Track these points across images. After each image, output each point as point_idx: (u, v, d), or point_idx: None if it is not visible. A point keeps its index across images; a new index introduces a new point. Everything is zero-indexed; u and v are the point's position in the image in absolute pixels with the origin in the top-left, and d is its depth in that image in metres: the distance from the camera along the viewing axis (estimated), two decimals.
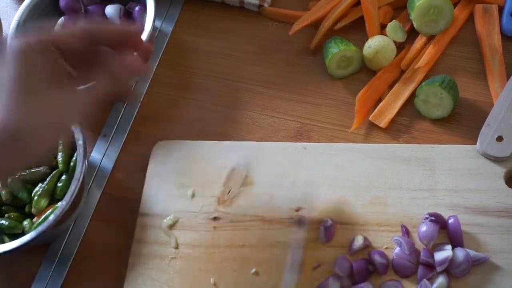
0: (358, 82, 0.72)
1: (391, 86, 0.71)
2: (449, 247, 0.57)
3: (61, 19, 0.78)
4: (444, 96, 0.65)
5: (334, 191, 0.64)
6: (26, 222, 0.65)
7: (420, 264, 0.57)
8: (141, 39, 0.56)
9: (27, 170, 0.68)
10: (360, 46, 0.72)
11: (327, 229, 0.60)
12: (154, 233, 0.65)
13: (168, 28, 0.82)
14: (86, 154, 0.66)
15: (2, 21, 0.85)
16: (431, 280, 0.56)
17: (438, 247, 0.57)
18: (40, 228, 0.62)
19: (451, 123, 0.68)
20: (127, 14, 0.79)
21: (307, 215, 0.63)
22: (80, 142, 0.66)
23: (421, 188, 0.62)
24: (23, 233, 0.65)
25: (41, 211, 0.65)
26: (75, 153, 0.67)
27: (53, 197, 0.67)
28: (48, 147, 0.52)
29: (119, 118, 0.76)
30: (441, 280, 0.56)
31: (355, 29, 0.75)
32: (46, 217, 0.64)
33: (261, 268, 0.61)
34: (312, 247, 0.61)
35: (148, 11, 0.74)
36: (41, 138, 0.49)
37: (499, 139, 0.62)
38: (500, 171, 0.62)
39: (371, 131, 0.69)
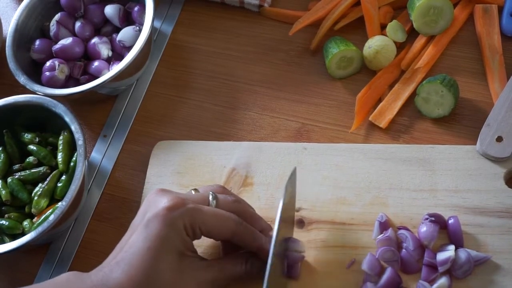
0: (358, 82, 0.72)
1: (391, 86, 0.71)
2: (452, 247, 0.57)
3: (58, 15, 0.78)
4: (445, 94, 0.65)
5: (334, 191, 0.64)
6: (26, 223, 0.65)
7: (424, 265, 0.57)
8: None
9: (27, 171, 0.69)
10: (360, 46, 0.72)
11: (381, 224, 0.60)
12: None
13: (168, 28, 0.82)
14: (86, 154, 0.66)
15: (2, 21, 0.85)
16: (433, 281, 0.56)
17: (442, 247, 0.57)
18: (40, 229, 0.62)
19: (451, 123, 0.68)
20: (126, 14, 0.79)
21: (307, 215, 0.63)
22: (80, 142, 0.66)
23: (421, 188, 0.62)
24: (23, 234, 0.65)
25: (41, 211, 0.65)
26: (75, 153, 0.67)
27: (53, 197, 0.67)
28: None
29: (119, 118, 0.76)
30: (442, 280, 0.55)
31: (355, 29, 0.75)
32: (46, 217, 0.64)
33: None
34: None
35: (147, 11, 0.74)
36: None
37: (499, 139, 0.62)
38: (500, 171, 0.62)
39: (371, 132, 0.69)
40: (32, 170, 0.68)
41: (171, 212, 0.51)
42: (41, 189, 0.66)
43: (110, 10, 0.78)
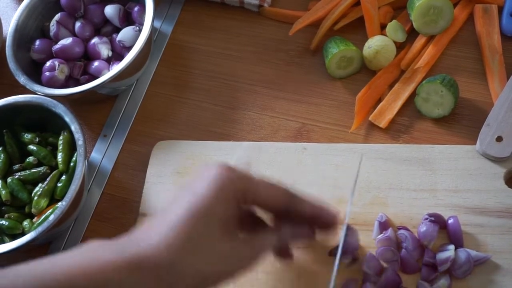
0: (358, 82, 0.72)
1: (391, 86, 0.71)
2: (452, 247, 0.57)
3: (58, 15, 0.78)
4: (445, 94, 0.65)
5: (334, 191, 0.64)
6: (26, 223, 0.65)
7: (423, 265, 0.57)
8: (335, 224, 0.54)
9: (27, 171, 0.69)
10: (360, 46, 0.72)
11: (381, 224, 0.60)
12: None
13: (168, 28, 0.82)
14: (86, 154, 0.66)
15: (2, 21, 0.85)
16: (433, 281, 0.56)
17: (441, 247, 0.57)
18: (40, 229, 0.62)
19: (451, 123, 0.68)
20: (126, 14, 0.79)
21: None
22: (80, 142, 0.66)
23: (421, 188, 0.62)
24: (23, 234, 0.65)
25: (41, 211, 0.65)
26: (75, 153, 0.67)
27: (53, 197, 0.67)
28: None
29: (119, 118, 0.77)
30: (442, 280, 0.55)
31: (355, 29, 0.75)
32: (46, 217, 0.64)
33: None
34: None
35: (147, 11, 0.74)
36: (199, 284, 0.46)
37: (499, 139, 0.62)
38: (500, 171, 0.62)
39: (371, 132, 0.69)
40: (32, 170, 0.68)
41: (223, 173, 0.48)
42: (41, 189, 0.66)
43: (110, 10, 0.78)
